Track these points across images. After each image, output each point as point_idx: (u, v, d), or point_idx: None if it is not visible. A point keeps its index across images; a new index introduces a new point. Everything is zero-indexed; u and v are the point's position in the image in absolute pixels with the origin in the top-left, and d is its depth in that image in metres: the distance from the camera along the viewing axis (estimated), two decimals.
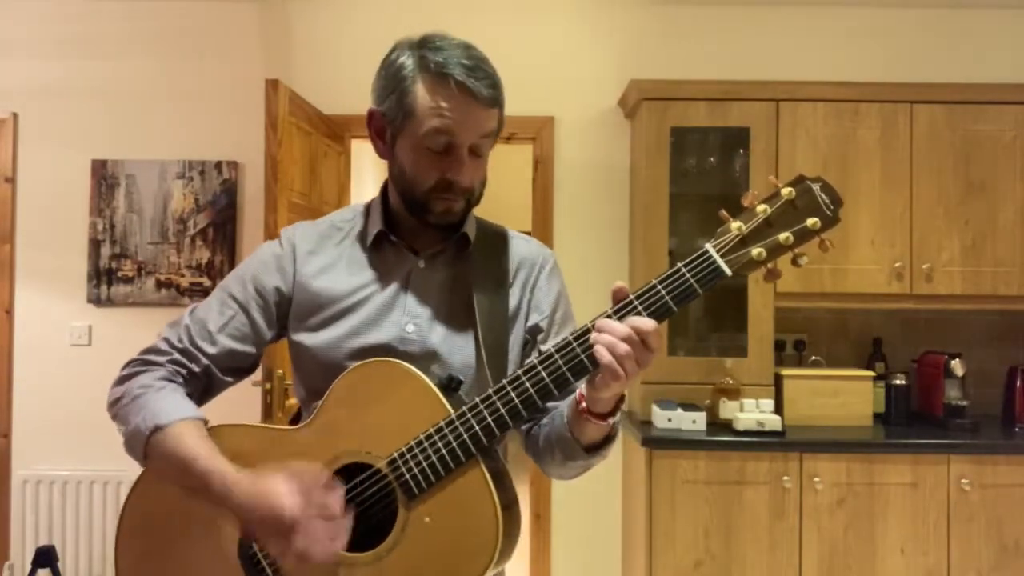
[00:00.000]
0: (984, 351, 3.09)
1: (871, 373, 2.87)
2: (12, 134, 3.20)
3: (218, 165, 3.18)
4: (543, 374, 0.98)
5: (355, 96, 3.15)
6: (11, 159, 3.19)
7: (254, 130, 2.97)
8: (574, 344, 0.97)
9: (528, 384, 0.99)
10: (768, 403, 2.69)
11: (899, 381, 2.88)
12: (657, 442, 2.57)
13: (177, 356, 1.12)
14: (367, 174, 4.59)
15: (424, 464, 1.00)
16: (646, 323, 0.92)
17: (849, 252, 2.82)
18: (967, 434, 2.70)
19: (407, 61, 1.08)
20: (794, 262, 0.96)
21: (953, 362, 2.84)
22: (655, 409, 2.74)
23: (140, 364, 1.13)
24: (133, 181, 3.18)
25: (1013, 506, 2.55)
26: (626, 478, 3.08)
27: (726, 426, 2.67)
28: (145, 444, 1.04)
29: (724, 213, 0.98)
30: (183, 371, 1.12)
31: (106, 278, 3.17)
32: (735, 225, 0.95)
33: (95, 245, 3.17)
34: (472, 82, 1.04)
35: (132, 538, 1.11)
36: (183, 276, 3.17)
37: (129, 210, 3.18)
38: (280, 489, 0.95)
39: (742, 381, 2.76)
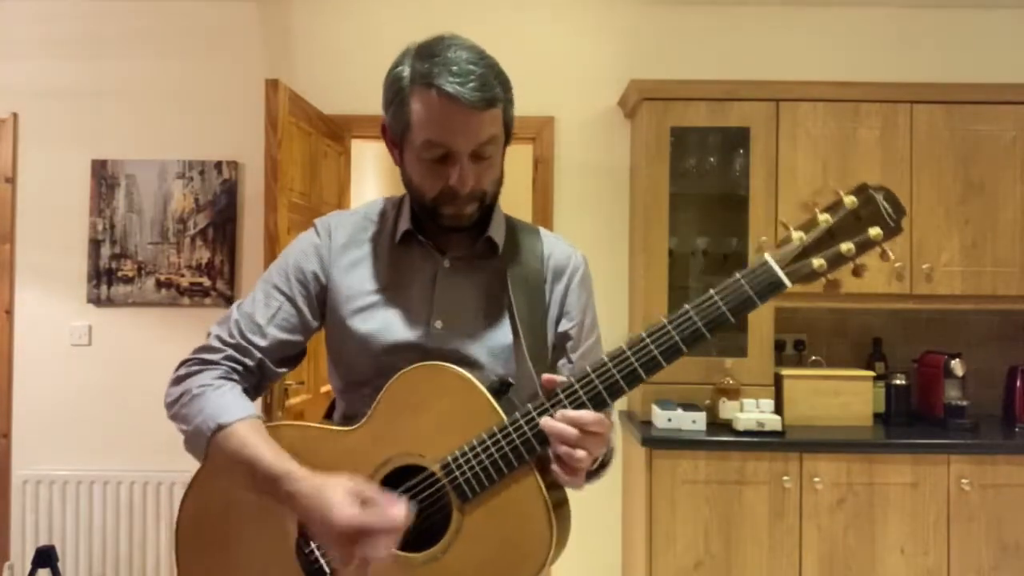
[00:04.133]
0: (984, 351, 3.09)
1: (871, 373, 2.87)
2: (12, 134, 3.20)
3: (218, 165, 3.17)
4: (597, 383, 0.98)
5: (355, 96, 3.18)
6: (11, 159, 3.19)
7: (254, 130, 2.97)
8: (628, 354, 0.98)
9: (582, 392, 0.99)
10: (768, 403, 2.69)
11: (899, 381, 2.88)
12: (657, 442, 2.57)
13: (231, 352, 1.13)
14: (367, 174, 4.60)
15: (478, 468, 1.01)
16: (585, 416, 0.95)
17: None
18: (967, 434, 2.70)
19: (404, 71, 1.06)
20: (855, 272, 0.95)
21: (953, 362, 2.84)
22: (655, 409, 2.74)
23: (196, 363, 1.13)
24: (133, 181, 3.18)
25: (1013, 506, 2.55)
26: (626, 478, 3.08)
27: (726, 426, 2.67)
28: (207, 443, 1.06)
29: (784, 221, 0.97)
30: (238, 367, 1.13)
31: (106, 278, 3.17)
32: (796, 235, 0.94)
33: (95, 245, 3.17)
34: (457, 88, 1.00)
35: (191, 535, 1.13)
36: (183, 276, 3.17)
37: (129, 210, 3.18)
38: (341, 501, 0.97)
39: (742, 381, 2.76)
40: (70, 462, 3.15)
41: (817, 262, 0.94)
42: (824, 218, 0.94)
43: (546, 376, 1.01)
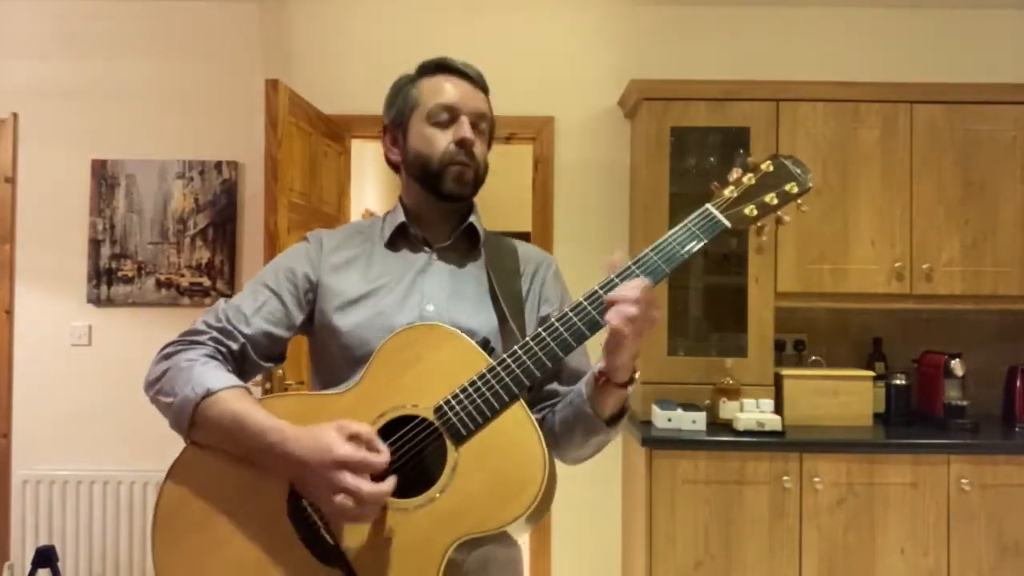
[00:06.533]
0: (984, 351, 3.09)
1: (871, 373, 2.87)
2: (12, 134, 3.20)
3: (218, 165, 3.18)
4: (574, 319, 1.08)
5: (355, 96, 3.18)
6: (11, 159, 3.20)
7: (254, 130, 2.97)
8: (600, 292, 1.09)
9: (561, 328, 1.08)
10: (768, 403, 2.69)
11: (899, 381, 2.89)
12: (657, 442, 2.57)
13: (216, 334, 1.18)
14: (367, 174, 4.60)
15: (471, 407, 1.06)
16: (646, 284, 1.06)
17: (849, 252, 2.82)
18: (967, 434, 2.70)
19: (405, 75, 1.30)
20: (779, 221, 1.14)
21: (953, 362, 2.84)
22: (655, 409, 2.74)
23: (182, 344, 1.18)
24: (133, 181, 3.18)
25: (1013, 506, 2.55)
26: (626, 478, 3.08)
27: (726, 426, 2.67)
28: (195, 410, 1.08)
29: (716, 184, 1.15)
30: (223, 348, 1.18)
31: (106, 278, 3.17)
32: (728, 190, 1.14)
33: (95, 245, 3.17)
34: (464, 66, 1.28)
35: (170, 522, 1.11)
36: (183, 276, 3.17)
37: (129, 210, 3.18)
38: (332, 431, 1.02)
39: (742, 381, 2.76)
40: (70, 462, 3.15)
41: (748, 209, 1.11)
42: (748, 177, 1.14)
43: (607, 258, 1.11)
